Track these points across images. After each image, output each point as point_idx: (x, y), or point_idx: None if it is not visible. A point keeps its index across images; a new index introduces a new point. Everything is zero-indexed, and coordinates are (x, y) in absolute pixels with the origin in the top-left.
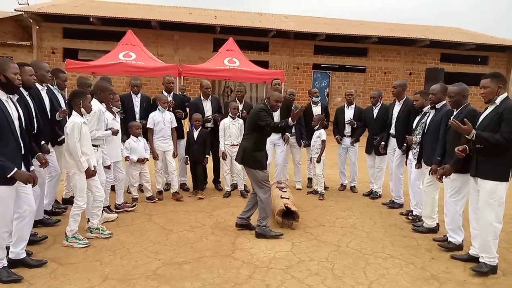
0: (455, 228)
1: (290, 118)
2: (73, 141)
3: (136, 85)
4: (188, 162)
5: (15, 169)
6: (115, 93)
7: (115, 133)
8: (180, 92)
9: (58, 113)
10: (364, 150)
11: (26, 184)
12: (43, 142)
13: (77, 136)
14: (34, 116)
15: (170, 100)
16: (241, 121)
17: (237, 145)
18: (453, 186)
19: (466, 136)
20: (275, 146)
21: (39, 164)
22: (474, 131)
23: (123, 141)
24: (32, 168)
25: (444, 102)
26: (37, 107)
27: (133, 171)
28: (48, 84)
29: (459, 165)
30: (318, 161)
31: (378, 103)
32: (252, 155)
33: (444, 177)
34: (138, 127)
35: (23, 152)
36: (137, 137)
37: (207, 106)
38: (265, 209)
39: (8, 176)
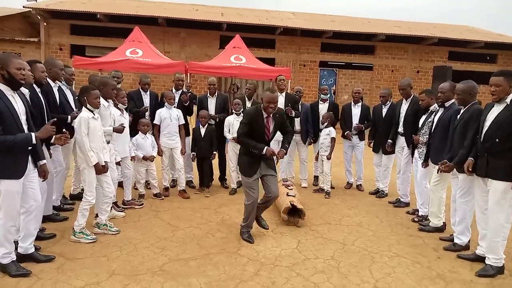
0: (463, 229)
1: (266, 149)
2: (80, 136)
3: (147, 83)
4: (195, 159)
5: (32, 134)
6: (120, 89)
7: (118, 130)
8: (186, 89)
9: (70, 117)
10: (372, 149)
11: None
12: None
13: (85, 130)
14: (45, 113)
15: (188, 92)
16: None
17: None
18: (462, 187)
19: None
20: (279, 143)
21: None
22: (509, 184)
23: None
24: (43, 162)
25: (453, 100)
26: (49, 104)
27: (139, 168)
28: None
29: (462, 166)
30: (329, 158)
31: (388, 102)
32: (240, 158)
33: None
34: (145, 125)
35: (29, 147)
36: (145, 134)
37: (211, 104)
38: (245, 213)
39: (33, 142)
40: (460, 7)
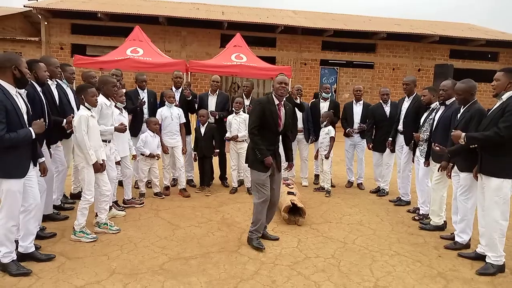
0: (465, 228)
1: (267, 159)
2: (80, 134)
3: (143, 80)
4: (197, 158)
5: (30, 128)
6: (119, 87)
7: (120, 130)
8: (185, 86)
9: (66, 124)
10: (373, 148)
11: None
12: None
13: (85, 128)
14: (46, 112)
15: (186, 89)
16: (244, 115)
17: (241, 140)
18: (463, 185)
19: (459, 141)
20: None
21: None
22: (462, 134)
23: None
24: (42, 160)
25: (454, 98)
26: (48, 103)
27: (143, 167)
28: (57, 79)
29: (457, 155)
30: (327, 157)
31: (389, 100)
32: (251, 152)
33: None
34: (155, 123)
35: (31, 145)
36: (154, 132)
37: (212, 101)
38: (255, 215)
39: (33, 137)
40: (461, 4)
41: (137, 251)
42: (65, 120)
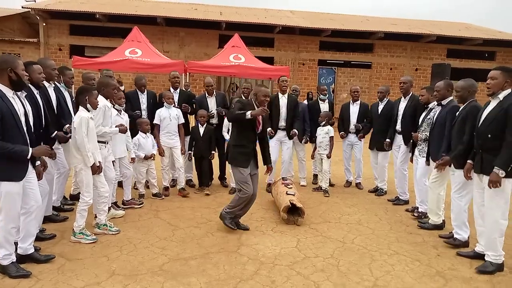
0: (460, 225)
1: (250, 112)
2: (80, 136)
3: (142, 84)
4: (192, 158)
5: (30, 149)
6: (119, 89)
7: (123, 130)
8: (184, 88)
9: (65, 128)
10: (368, 146)
11: (49, 157)
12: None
13: (85, 130)
14: (43, 114)
15: (185, 106)
16: None
17: None
18: (457, 182)
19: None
20: (282, 144)
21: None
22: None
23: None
24: (37, 163)
25: (450, 98)
26: (44, 105)
27: (140, 168)
28: (55, 81)
29: (460, 160)
30: (329, 157)
31: (385, 98)
32: (231, 151)
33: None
34: (147, 124)
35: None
36: (145, 133)
37: (211, 103)
38: (234, 202)
39: (28, 157)
40: (460, 4)
41: (136, 252)
42: (66, 126)
